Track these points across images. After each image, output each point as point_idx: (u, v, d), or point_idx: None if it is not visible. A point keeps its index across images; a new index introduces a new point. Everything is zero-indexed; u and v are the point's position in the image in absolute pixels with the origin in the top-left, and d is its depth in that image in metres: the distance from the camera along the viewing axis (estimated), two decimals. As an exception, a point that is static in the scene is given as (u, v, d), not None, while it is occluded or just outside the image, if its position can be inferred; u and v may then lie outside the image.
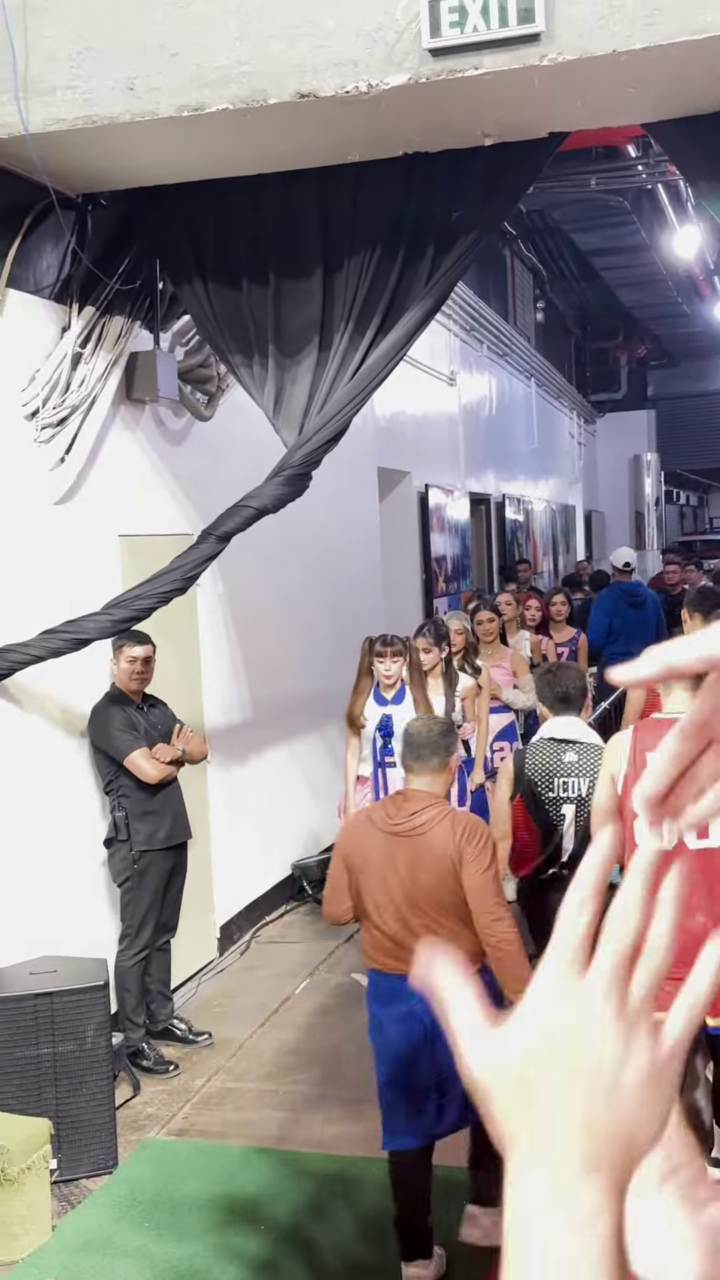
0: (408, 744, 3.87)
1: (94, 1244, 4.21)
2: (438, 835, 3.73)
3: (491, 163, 4.94)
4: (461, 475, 12.81)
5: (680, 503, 29.26)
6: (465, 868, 3.70)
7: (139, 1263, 4.10)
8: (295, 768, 8.05)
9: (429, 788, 3.83)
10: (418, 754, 3.84)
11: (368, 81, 4.28)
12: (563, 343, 20.38)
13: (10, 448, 5.10)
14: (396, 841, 3.78)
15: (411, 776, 3.87)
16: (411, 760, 3.85)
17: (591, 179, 11.88)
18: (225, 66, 4.40)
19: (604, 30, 4.04)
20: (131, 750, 5.35)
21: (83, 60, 4.51)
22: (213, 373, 6.58)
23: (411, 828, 3.76)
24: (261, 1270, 4.01)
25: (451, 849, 3.72)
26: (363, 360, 5.21)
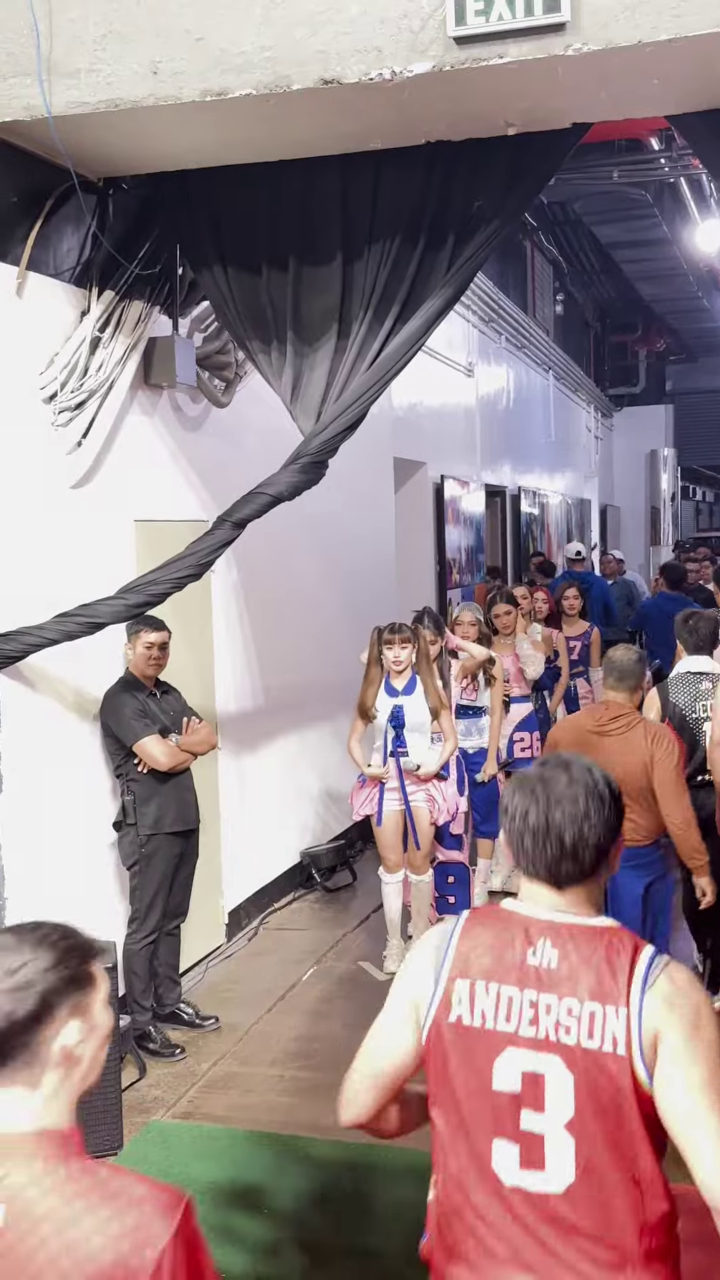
0: (611, 668, 5.13)
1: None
2: (634, 737, 4.95)
3: (514, 153, 4.93)
4: (477, 467, 12.79)
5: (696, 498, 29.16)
6: (655, 766, 4.89)
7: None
8: (306, 756, 8.06)
9: (627, 702, 5.06)
10: (620, 676, 5.07)
11: (391, 69, 4.27)
12: (581, 336, 20.32)
13: (28, 431, 5.11)
14: (600, 738, 4.96)
15: (612, 693, 5.10)
16: (615, 681, 5.08)
17: (614, 171, 11.84)
18: (249, 52, 4.40)
19: (629, 21, 4.03)
20: (142, 736, 5.37)
21: (107, 43, 4.51)
22: (231, 359, 6.59)
23: (614, 728, 4.99)
24: (265, 1254, 4.03)
25: (644, 750, 4.92)
26: (381, 349, 5.20)
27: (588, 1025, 2.06)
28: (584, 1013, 2.07)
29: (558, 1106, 2.08)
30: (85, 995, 1.81)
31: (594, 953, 2.11)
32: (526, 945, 2.14)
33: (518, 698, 7.73)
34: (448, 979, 2.16)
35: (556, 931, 2.14)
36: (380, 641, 6.35)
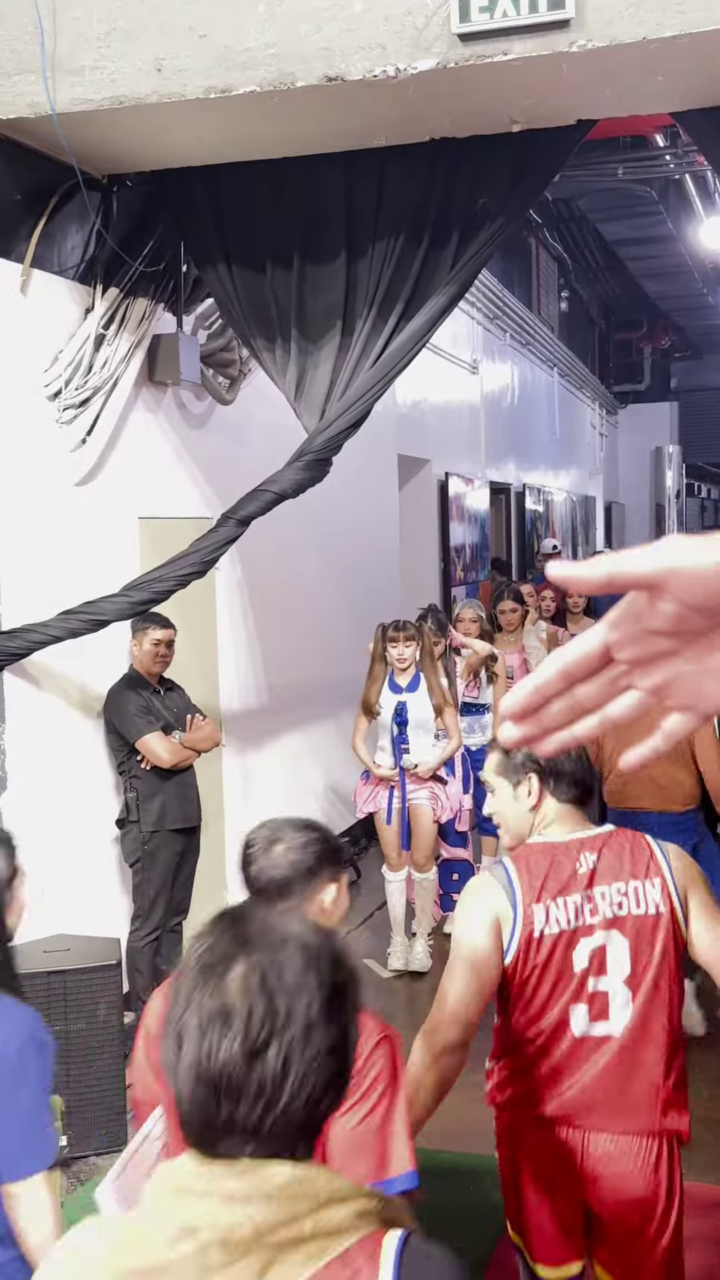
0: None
1: (102, 1220, 4.24)
2: None
3: (518, 149, 4.92)
4: (482, 464, 12.78)
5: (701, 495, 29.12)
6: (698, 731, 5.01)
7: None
8: (310, 753, 8.06)
9: None
10: None
11: (396, 66, 4.27)
12: (586, 333, 20.30)
13: (32, 428, 5.12)
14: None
15: None
16: None
17: (618, 168, 11.81)
18: (253, 49, 4.39)
19: (634, 17, 4.02)
20: (145, 734, 5.37)
21: (111, 41, 4.51)
22: (235, 356, 6.58)
23: None
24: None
25: None
26: (385, 346, 5.20)
27: (634, 897, 2.72)
28: (630, 889, 2.72)
29: (617, 967, 2.70)
30: (339, 872, 2.43)
31: (620, 848, 2.78)
32: (573, 859, 2.75)
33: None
34: (524, 905, 2.70)
35: (585, 843, 2.78)
36: (384, 639, 6.36)
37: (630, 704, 0.80)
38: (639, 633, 0.77)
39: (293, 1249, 1.27)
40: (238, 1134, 1.30)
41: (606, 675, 0.80)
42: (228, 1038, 1.30)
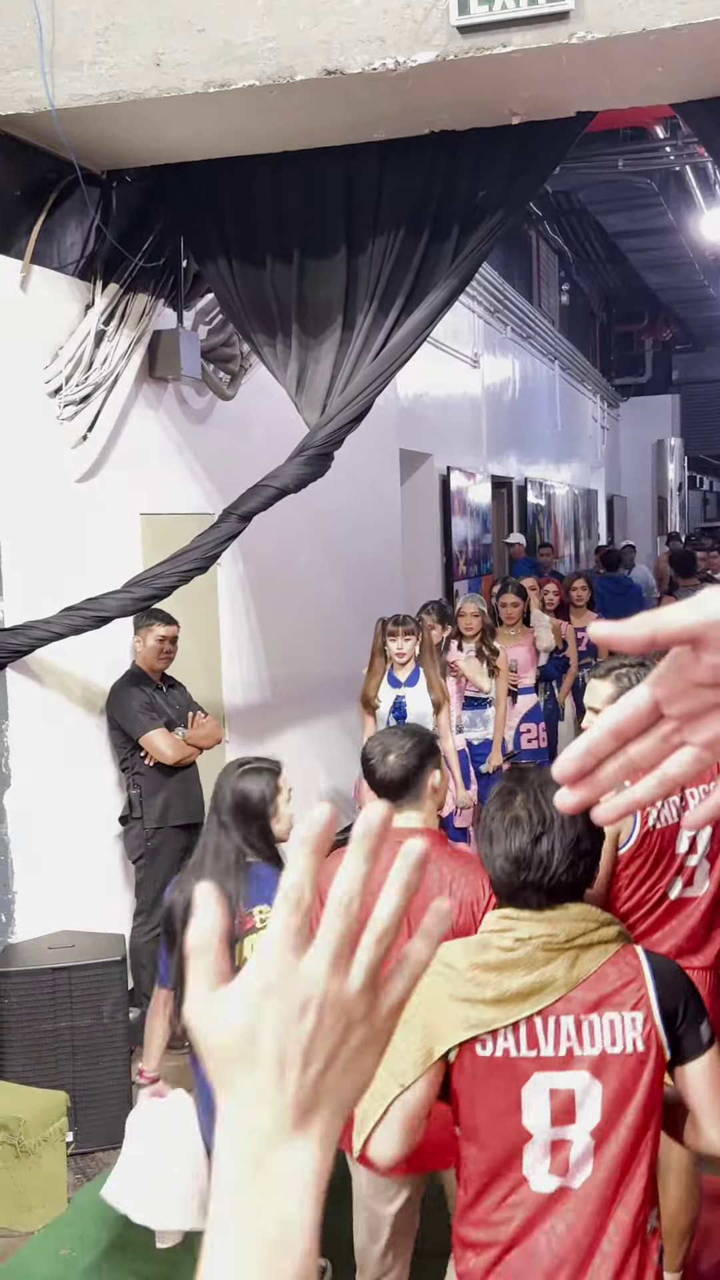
0: None
1: (109, 1217, 4.24)
2: None
3: (518, 142, 4.91)
4: (484, 458, 12.77)
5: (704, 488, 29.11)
6: None
7: (153, 1235, 4.12)
8: (312, 749, 8.06)
9: None
10: None
11: (395, 59, 4.26)
12: (587, 325, 20.27)
13: (33, 425, 5.11)
14: None
15: None
16: None
17: (619, 160, 11.78)
18: (252, 43, 4.38)
19: (634, 9, 4.01)
20: (149, 730, 5.37)
21: (110, 35, 4.49)
22: (236, 351, 6.57)
23: None
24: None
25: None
26: (386, 340, 5.19)
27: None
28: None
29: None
30: (437, 757, 3.17)
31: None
32: None
33: (525, 688, 7.72)
34: None
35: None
36: (384, 633, 6.36)
37: (687, 760, 0.79)
38: (685, 686, 0.76)
39: (587, 950, 2.20)
40: (530, 891, 2.22)
41: (658, 732, 0.78)
42: (519, 834, 2.21)
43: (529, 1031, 2.16)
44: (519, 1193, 2.17)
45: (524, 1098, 2.16)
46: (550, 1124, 2.15)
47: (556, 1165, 2.15)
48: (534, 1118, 2.16)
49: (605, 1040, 2.15)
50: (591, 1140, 2.13)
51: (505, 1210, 2.18)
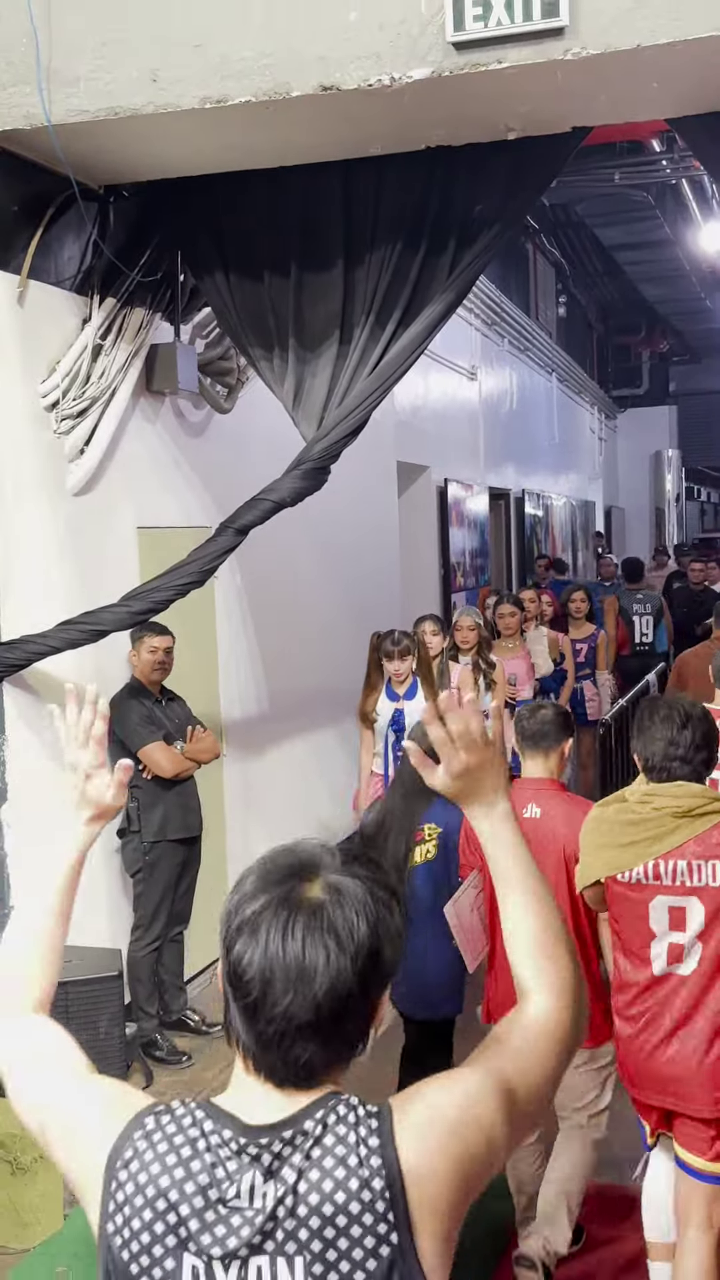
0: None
1: (105, 1233, 4.23)
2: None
3: (515, 157, 4.92)
4: (481, 470, 12.78)
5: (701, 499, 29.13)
6: None
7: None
8: (311, 762, 8.05)
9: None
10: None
11: (391, 74, 4.27)
12: (584, 337, 20.31)
13: (30, 439, 5.11)
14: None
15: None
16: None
17: (615, 174, 11.82)
18: (248, 59, 4.40)
19: (628, 25, 4.02)
20: (148, 743, 5.36)
21: (106, 51, 4.51)
22: (233, 365, 6.59)
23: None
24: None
25: None
26: (383, 354, 5.20)
27: None
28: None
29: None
30: (570, 734, 3.96)
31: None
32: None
33: (522, 701, 7.71)
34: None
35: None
36: (380, 650, 6.36)
37: None
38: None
39: (701, 817, 3.24)
40: (678, 764, 3.32)
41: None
42: (671, 725, 3.33)
43: (655, 869, 3.25)
44: (651, 978, 3.28)
45: (650, 910, 3.26)
46: (668, 928, 3.25)
47: (672, 956, 3.26)
48: (657, 924, 3.26)
49: (708, 877, 3.21)
50: (698, 942, 3.24)
51: (644, 994, 3.31)
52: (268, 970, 1.44)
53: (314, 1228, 1.38)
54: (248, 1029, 1.47)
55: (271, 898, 1.47)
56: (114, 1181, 1.48)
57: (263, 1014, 1.44)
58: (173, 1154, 1.45)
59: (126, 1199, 1.47)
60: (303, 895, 1.46)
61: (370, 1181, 1.39)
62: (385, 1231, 1.38)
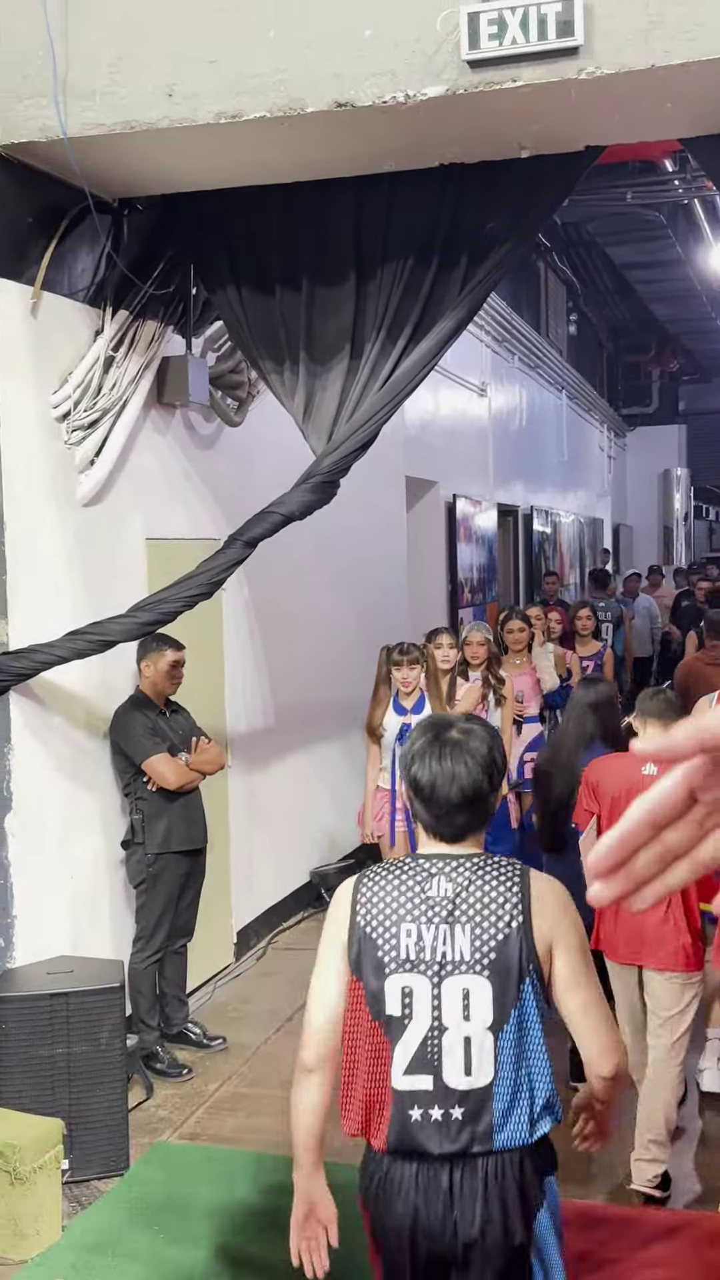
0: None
1: (103, 1245, 4.22)
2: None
3: (527, 175, 4.94)
4: (490, 486, 12.79)
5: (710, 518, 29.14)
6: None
7: (148, 1265, 4.10)
8: (316, 775, 8.05)
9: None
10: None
11: (405, 92, 4.29)
12: (595, 356, 20.35)
13: (41, 449, 5.13)
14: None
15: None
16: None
17: (627, 193, 11.86)
18: (263, 74, 4.42)
19: (643, 45, 4.04)
20: (152, 754, 5.37)
21: (122, 65, 4.54)
22: (244, 378, 6.60)
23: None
24: (271, 1277, 4.00)
25: None
26: (393, 369, 5.21)
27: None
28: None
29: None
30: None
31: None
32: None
33: (530, 718, 7.71)
34: None
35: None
36: (389, 662, 6.36)
37: (718, 843, 0.81)
38: (717, 774, 0.79)
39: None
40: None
41: (692, 817, 0.80)
42: None
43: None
44: None
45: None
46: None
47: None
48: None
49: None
50: None
51: None
52: (434, 777, 2.55)
53: (476, 909, 2.54)
54: (426, 812, 2.59)
55: (429, 738, 2.59)
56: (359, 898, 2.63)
57: (434, 802, 2.56)
58: (395, 878, 2.61)
59: (367, 900, 2.61)
60: (446, 735, 2.59)
61: (512, 888, 2.56)
62: (516, 911, 2.54)
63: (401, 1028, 2.53)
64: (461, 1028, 2.51)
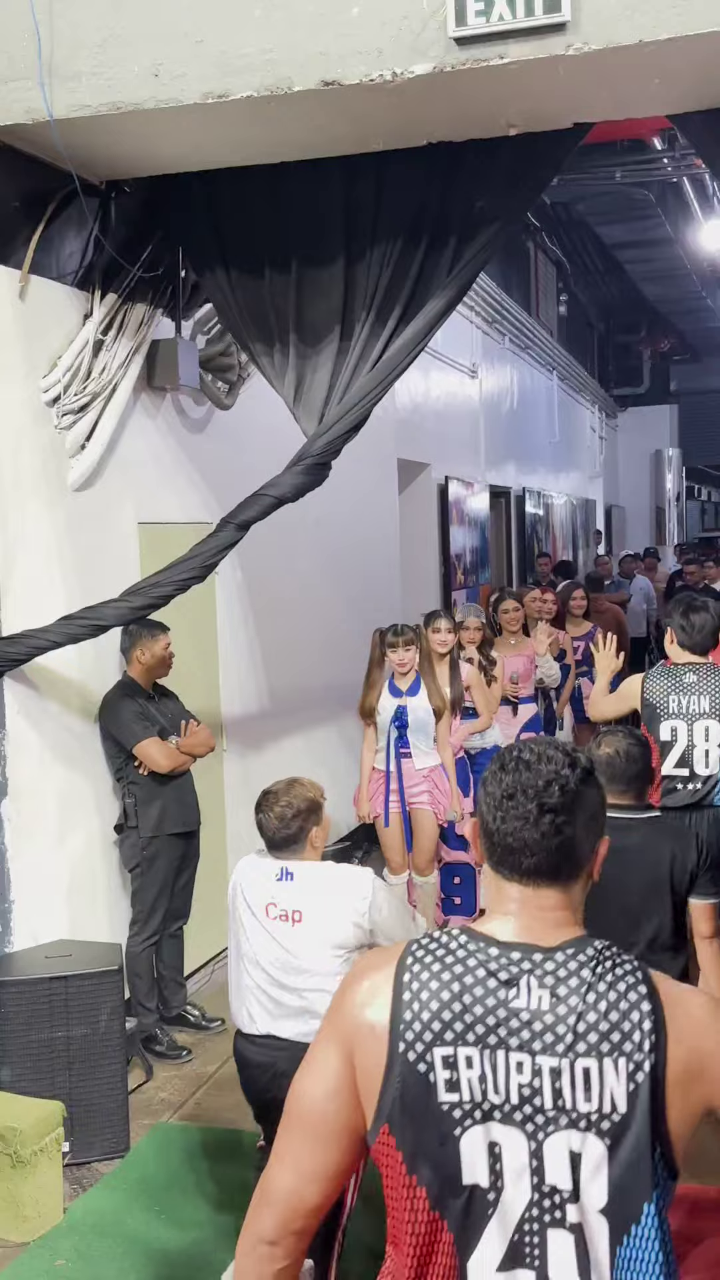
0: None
1: (105, 1227, 4.24)
2: None
3: (516, 153, 4.92)
4: (482, 468, 12.78)
5: (701, 498, 29.14)
6: None
7: (149, 1246, 4.12)
8: (311, 757, 8.05)
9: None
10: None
11: (393, 70, 4.27)
12: (585, 336, 20.31)
13: (31, 434, 5.12)
14: None
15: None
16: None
17: (616, 171, 11.83)
18: (250, 54, 4.40)
19: (630, 20, 4.02)
20: (142, 739, 5.37)
21: (108, 47, 4.51)
22: (234, 361, 6.59)
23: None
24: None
25: None
26: (384, 350, 5.20)
27: None
28: None
29: None
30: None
31: None
32: None
33: (525, 698, 7.72)
34: None
35: None
36: (383, 644, 6.36)
37: None
38: None
39: None
40: None
41: None
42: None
43: None
44: None
45: None
46: None
47: None
48: None
49: None
50: None
51: None
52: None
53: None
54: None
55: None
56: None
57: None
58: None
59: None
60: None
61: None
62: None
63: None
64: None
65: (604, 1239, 1.67)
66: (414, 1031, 1.71)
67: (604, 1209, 1.66)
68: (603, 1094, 1.66)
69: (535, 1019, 1.70)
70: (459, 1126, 1.69)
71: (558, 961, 1.72)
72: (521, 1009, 1.70)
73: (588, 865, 1.79)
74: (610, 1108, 1.66)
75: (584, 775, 1.78)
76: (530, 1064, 1.69)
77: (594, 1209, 1.67)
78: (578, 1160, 1.67)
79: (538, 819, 1.73)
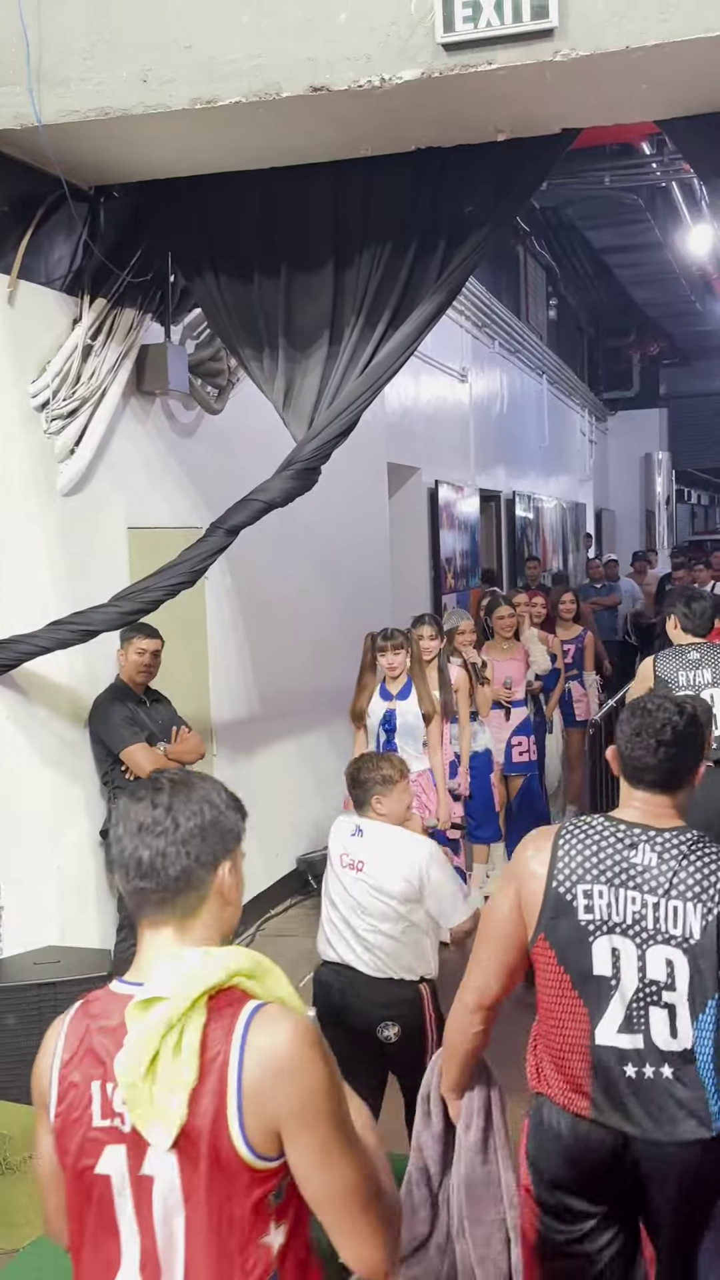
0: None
1: (94, 1233, 4.22)
2: None
3: (504, 158, 4.93)
4: (472, 472, 12.80)
5: (691, 502, 29.21)
6: None
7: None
8: (302, 762, 8.05)
9: None
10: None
11: (381, 75, 4.28)
12: (575, 340, 20.35)
13: (20, 439, 5.11)
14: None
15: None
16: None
17: (605, 176, 11.86)
18: (238, 59, 4.40)
19: (617, 26, 4.04)
20: (130, 744, 5.35)
21: (96, 52, 4.51)
22: (223, 366, 6.59)
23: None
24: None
25: None
26: (373, 355, 5.21)
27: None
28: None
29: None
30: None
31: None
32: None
33: (517, 702, 7.72)
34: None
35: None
36: (374, 648, 6.36)
37: None
38: None
39: None
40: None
41: None
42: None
43: None
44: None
45: None
46: None
47: None
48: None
49: None
50: None
51: None
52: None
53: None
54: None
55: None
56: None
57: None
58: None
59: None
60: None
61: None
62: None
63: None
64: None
65: (686, 1016, 2.52)
66: (564, 874, 2.57)
67: (686, 997, 2.51)
68: (686, 924, 2.51)
69: (646, 870, 2.55)
70: (592, 936, 2.55)
71: (665, 838, 2.57)
72: (637, 863, 2.56)
73: (689, 780, 2.63)
74: (690, 934, 2.50)
75: (689, 720, 2.61)
76: (640, 899, 2.53)
77: (680, 997, 2.51)
78: (670, 964, 2.52)
79: (655, 750, 2.59)
